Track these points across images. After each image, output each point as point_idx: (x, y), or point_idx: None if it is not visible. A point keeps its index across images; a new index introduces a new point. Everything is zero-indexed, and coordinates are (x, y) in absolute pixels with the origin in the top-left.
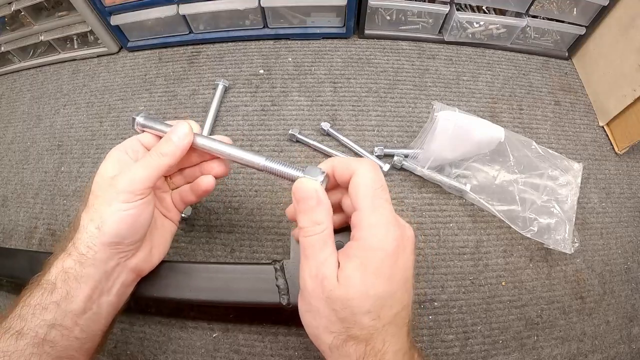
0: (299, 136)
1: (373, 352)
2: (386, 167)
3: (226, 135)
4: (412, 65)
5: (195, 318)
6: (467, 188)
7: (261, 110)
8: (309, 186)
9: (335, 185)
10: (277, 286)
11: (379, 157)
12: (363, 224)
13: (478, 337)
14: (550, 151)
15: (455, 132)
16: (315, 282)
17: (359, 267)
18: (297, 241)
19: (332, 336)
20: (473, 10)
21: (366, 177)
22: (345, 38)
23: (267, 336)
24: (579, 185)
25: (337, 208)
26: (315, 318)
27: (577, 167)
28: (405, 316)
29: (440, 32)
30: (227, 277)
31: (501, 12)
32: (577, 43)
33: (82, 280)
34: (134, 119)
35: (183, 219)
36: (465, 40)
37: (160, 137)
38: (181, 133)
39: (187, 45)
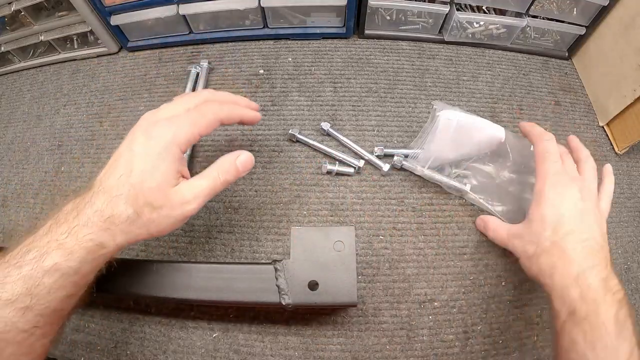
0: (299, 136)
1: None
2: (386, 167)
3: (226, 135)
4: (412, 65)
5: (195, 318)
6: (467, 188)
7: (261, 110)
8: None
9: None
10: (277, 286)
11: (378, 157)
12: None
13: (478, 337)
14: None
15: (457, 132)
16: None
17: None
18: None
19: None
20: (473, 10)
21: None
22: (345, 38)
23: (267, 336)
24: None
25: None
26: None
27: None
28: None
29: (440, 32)
30: (227, 277)
31: (501, 12)
32: (577, 43)
33: (106, 259)
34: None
35: None
36: (465, 40)
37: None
38: (248, 165)
39: (187, 45)
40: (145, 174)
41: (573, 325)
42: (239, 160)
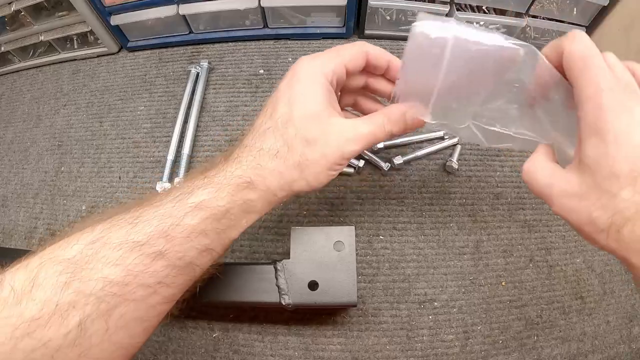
0: None
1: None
2: (387, 166)
3: (226, 135)
4: None
5: (195, 318)
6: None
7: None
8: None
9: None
10: (277, 286)
11: (376, 152)
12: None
13: (478, 337)
14: None
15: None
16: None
17: None
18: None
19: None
20: (473, 10)
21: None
22: (345, 38)
23: (267, 336)
24: None
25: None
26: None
27: None
28: None
29: None
30: (227, 277)
31: (501, 12)
32: None
33: (257, 213)
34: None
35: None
36: None
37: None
38: (417, 123)
39: (187, 45)
40: (293, 103)
41: None
42: (409, 114)
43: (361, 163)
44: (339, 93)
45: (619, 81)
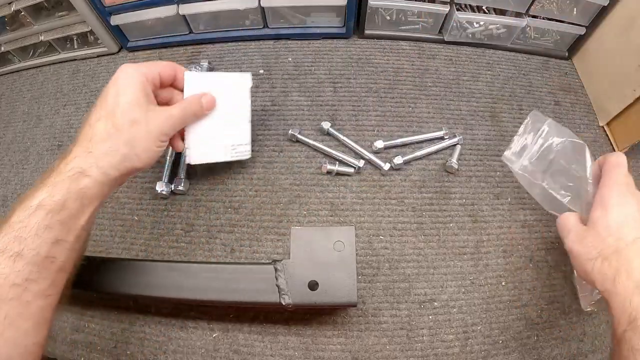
0: (299, 136)
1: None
2: (386, 166)
3: None
4: (412, 65)
5: (195, 318)
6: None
7: (261, 110)
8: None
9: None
10: (277, 286)
11: (376, 152)
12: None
13: (478, 337)
14: None
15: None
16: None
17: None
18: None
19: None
20: (473, 10)
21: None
22: (345, 38)
23: (267, 336)
24: None
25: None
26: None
27: None
28: None
29: (440, 32)
30: (227, 277)
31: (501, 12)
32: (577, 43)
33: (95, 198)
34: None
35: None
36: (465, 40)
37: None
38: (210, 105)
39: (187, 45)
40: (119, 95)
41: (633, 334)
42: (204, 99)
43: (361, 163)
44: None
45: (630, 180)
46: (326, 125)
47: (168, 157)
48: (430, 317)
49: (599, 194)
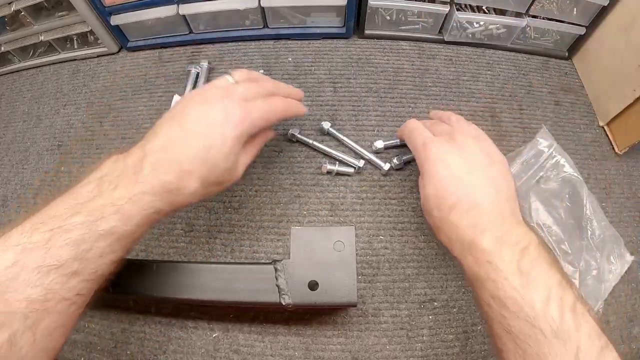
0: (299, 136)
1: None
2: (386, 166)
3: None
4: (412, 65)
5: (195, 318)
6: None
7: None
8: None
9: None
10: (277, 286)
11: (376, 152)
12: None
13: (478, 337)
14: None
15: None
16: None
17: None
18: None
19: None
20: (473, 10)
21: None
22: (345, 38)
23: (267, 336)
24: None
25: None
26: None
27: (629, 258)
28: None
29: (440, 32)
30: (227, 277)
31: (501, 12)
32: (577, 43)
33: (156, 223)
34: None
35: None
36: (465, 40)
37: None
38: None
39: (187, 45)
40: (221, 157)
41: (480, 288)
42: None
43: (361, 163)
44: None
45: (432, 135)
46: (326, 125)
47: None
48: (430, 317)
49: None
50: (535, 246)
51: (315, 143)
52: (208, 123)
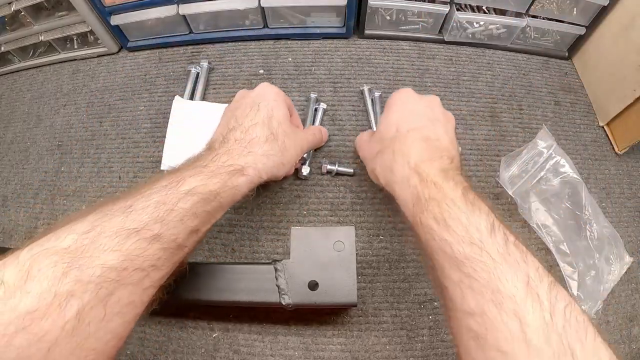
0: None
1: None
2: None
3: None
4: (412, 65)
5: (195, 318)
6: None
7: None
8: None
9: None
10: (277, 286)
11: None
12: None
13: None
14: (607, 234)
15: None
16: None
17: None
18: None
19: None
20: (473, 10)
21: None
22: (345, 38)
23: (267, 336)
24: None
25: None
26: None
27: (628, 259)
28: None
29: (440, 32)
30: (227, 277)
31: (501, 12)
32: (577, 43)
33: (240, 197)
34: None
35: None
36: (465, 40)
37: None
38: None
39: (187, 45)
40: (273, 109)
41: (422, 211)
42: (324, 131)
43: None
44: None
45: (406, 90)
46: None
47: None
48: (430, 317)
49: (385, 105)
50: (476, 194)
51: None
52: (265, 96)
